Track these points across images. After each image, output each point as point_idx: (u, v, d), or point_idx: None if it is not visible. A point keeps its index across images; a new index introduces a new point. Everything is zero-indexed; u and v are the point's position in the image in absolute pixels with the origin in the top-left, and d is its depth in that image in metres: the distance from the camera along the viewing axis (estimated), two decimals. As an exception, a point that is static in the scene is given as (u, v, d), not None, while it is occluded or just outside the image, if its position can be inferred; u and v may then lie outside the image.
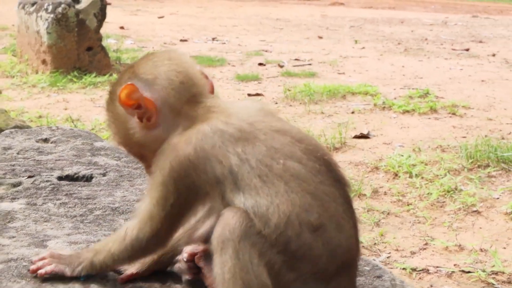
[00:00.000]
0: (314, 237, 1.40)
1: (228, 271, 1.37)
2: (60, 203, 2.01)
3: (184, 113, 1.52)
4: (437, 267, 3.37)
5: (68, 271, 1.57)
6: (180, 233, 1.61)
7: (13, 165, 2.32)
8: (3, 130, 3.39)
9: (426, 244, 3.64)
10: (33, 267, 1.59)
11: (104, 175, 2.27)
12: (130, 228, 1.53)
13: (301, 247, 1.40)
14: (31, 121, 5.79)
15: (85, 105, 6.67)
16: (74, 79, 7.45)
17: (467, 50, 9.78)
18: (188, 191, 1.46)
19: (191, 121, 1.50)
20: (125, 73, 1.59)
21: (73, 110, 6.39)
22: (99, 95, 6.99)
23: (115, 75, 7.64)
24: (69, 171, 2.28)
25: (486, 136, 5.24)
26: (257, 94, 6.84)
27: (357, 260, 1.52)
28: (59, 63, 7.64)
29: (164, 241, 1.53)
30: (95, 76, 7.56)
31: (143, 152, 1.57)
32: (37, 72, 7.82)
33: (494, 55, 9.45)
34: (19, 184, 2.17)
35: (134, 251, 1.53)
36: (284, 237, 1.40)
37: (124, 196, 2.07)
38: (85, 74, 7.62)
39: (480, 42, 10.67)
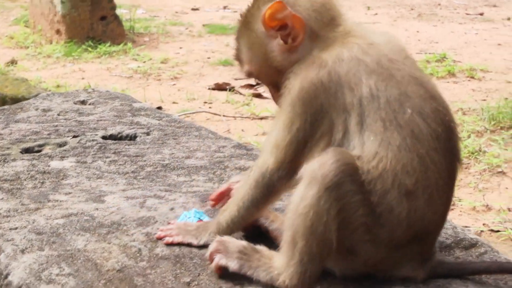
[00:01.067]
0: (401, 202, 1.34)
1: (304, 207, 1.34)
2: (110, 161, 2.03)
3: (322, 36, 1.47)
4: (466, 226, 3.39)
5: (194, 241, 1.55)
6: None
7: (56, 126, 2.34)
8: (27, 99, 3.39)
9: (453, 204, 3.66)
10: (160, 233, 1.58)
11: (148, 134, 2.28)
12: (254, 165, 1.49)
13: (385, 210, 1.34)
14: (49, 90, 5.79)
15: (102, 74, 6.66)
16: (89, 49, 7.42)
17: (482, 14, 9.68)
18: (315, 116, 1.41)
19: (328, 44, 1.45)
20: None
21: (90, 79, 6.38)
22: (114, 64, 6.97)
23: (129, 44, 7.62)
24: (112, 130, 2.30)
25: (506, 98, 5.22)
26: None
27: (435, 234, 1.46)
28: (73, 32, 7.61)
29: (288, 174, 1.44)
30: (109, 46, 7.53)
31: (278, 78, 1.49)
32: (51, 42, 7.79)
33: (509, 18, 9.35)
34: (64, 143, 2.19)
35: (258, 190, 1.46)
36: (373, 195, 1.34)
37: (172, 154, 2.09)
38: (100, 44, 7.58)
39: (494, 6, 10.56)
